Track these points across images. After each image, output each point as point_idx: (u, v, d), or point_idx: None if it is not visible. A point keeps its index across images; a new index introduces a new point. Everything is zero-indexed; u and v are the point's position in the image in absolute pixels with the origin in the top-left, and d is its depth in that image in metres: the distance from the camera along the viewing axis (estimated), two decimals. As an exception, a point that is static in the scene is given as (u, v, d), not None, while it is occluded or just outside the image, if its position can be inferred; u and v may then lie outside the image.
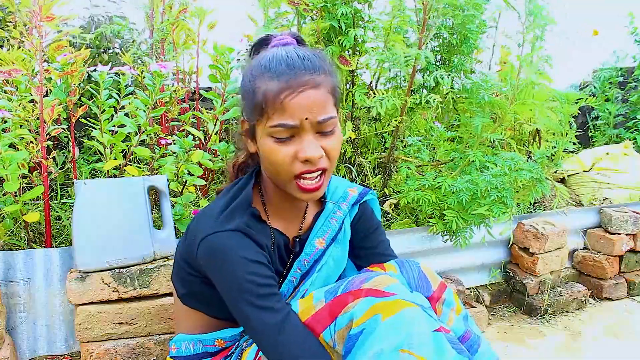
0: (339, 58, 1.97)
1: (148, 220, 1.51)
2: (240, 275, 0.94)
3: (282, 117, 0.93)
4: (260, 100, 0.95)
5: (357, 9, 2.03)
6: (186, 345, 1.11)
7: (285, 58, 0.97)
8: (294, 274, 1.12)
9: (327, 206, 1.19)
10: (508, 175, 1.86)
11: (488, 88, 1.96)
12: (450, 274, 2.11)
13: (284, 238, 1.12)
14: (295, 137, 0.95)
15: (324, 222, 1.17)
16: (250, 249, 0.98)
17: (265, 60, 0.98)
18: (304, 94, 0.94)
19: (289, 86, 0.93)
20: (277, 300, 0.96)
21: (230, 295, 0.96)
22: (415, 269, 1.09)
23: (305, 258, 1.13)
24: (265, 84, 0.95)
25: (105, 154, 1.70)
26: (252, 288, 0.93)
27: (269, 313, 0.93)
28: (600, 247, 2.42)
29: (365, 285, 0.94)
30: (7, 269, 1.50)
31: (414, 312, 0.88)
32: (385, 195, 2.22)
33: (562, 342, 1.94)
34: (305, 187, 0.98)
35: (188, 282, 1.09)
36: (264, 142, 0.97)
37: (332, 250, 1.15)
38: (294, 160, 0.96)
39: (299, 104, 0.94)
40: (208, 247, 0.97)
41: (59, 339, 1.57)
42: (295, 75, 0.95)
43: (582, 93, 2.27)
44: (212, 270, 0.98)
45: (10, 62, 1.55)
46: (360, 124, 2.31)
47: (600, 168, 3.00)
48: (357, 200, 1.21)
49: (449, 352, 0.86)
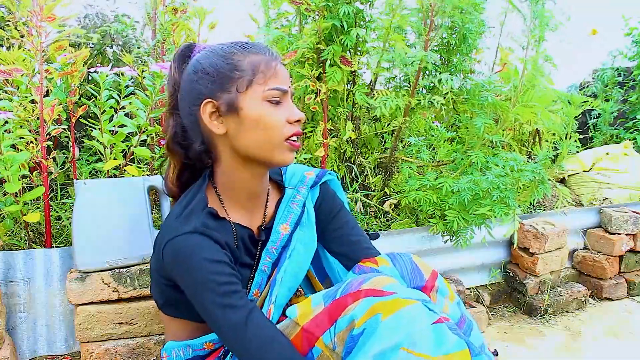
0: (340, 58, 1.96)
1: (148, 220, 1.51)
2: (202, 275, 0.95)
3: (277, 81, 1.03)
4: (249, 69, 1.01)
5: (359, 8, 2.03)
6: (176, 352, 1.11)
7: (251, 43, 1.06)
8: (265, 263, 1.13)
9: (287, 192, 1.21)
10: (510, 176, 1.86)
11: (491, 89, 1.96)
12: (450, 274, 2.11)
13: (247, 231, 1.13)
14: (281, 103, 1.04)
15: (285, 207, 1.18)
16: (209, 249, 0.98)
17: (229, 45, 1.05)
18: (282, 67, 1.06)
19: (273, 58, 1.04)
20: (239, 297, 0.96)
21: (195, 297, 0.96)
22: (408, 261, 1.11)
23: (273, 245, 1.14)
24: (247, 57, 1.02)
25: (105, 154, 1.70)
26: (213, 287, 0.94)
27: (232, 311, 0.93)
28: (600, 247, 2.42)
29: (364, 286, 0.94)
30: (7, 269, 1.50)
31: (413, 309, 0.88)
32: (386, 195, 2.22)
33: (562, 342, 1.95)
34: (295, 144, 1.05)
35: (163, 291, 1.09)
36: (257, 107, 1.01)
37: (299, 234, 1.16)
38: (285, 123, 1.03)
39: (284, 73, 1.05)
40: (170, 252, 0.97)
41: (59, 339, 1.57)
42: (270, 51, 1.06)
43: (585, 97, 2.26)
44: (177, 274, 0.99)
45: (10, 62, 1.55)
46: (361, 124, 2.31)
47: (600, 168, 3.00)
48: (315, 182, 1.23)
49: (449, 340, 0.86)
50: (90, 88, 1.72)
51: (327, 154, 2.04)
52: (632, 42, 3.95)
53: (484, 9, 2.07)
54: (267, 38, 1.95)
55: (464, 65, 2.21)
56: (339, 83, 1.99)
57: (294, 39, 2.02)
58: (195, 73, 1.04)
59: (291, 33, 2.09)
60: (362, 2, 2.07)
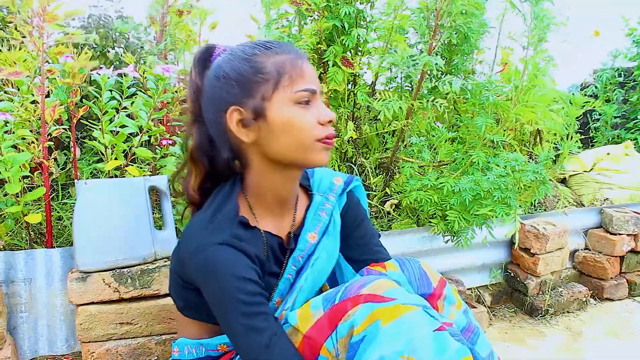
0: (341, 60, 1.96)
1: (149, 220, 1.51)
2: (228, 292, 0.91)
3: (305, 81, 0.97)
4: (274, 71, 0.96)
5: (360, 9, 2.03)
6: (189, 349, 1.10)
7: (273, 42, 1.01)
8: (290, 271, 1.11)
9: (315, 198, 1.17)
10: (511, 176, 1.86)
11: (492, 89, 1.96)
12: (451, 274, 2.11)
13: (277, 239, 1.10)
14: (310, 103, 0.99)
15: (313, 215, 1.15)
16: (239, 263, 0.95)
17: (252, 46, 0.99)
18: (309, 65, 1.00)
19: (298, 56, 0.99)
20: (264, 319, 0.93)
21: (219, 312, 0.94)
22: (416, 267, 1.09)
23: (299, 254, 1.12)
24: (272, 58, 0.97)
25: (107, 154, 1.70)
26: (239, 306, 0.91)
27: (255, 333, 0.90)
28: (601, 247, 2.41)
29: (363, 291, 0.92)
30: (8, 269, 1.50)
31: (414, 316, 0.87)
32: (387, 195, 2.22)
33: (563, 342, 1.94)
34: (329, 142, 1.00)
35: (184, 295, 1.07)
36: (286, 112, 0.96)
37: (324, 242, 1.14)
38: (316, 124, 0.98)
39: (311, 72, 1.00)
40: (197, 262, 0.94)
41: (60, 339, 1.57)
42: (295, 49, 1.00)
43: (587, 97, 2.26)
44: (202, 284, 0.96)
45: (12, 63, 1.55)
46: (362, 124, 2.31)
47: (601, 168, 2.99)
48: (343, 190, 1.20)
49: (451, 347, 0.85)
50: (91, 89, 1.72)
51: (328, 154, 2.03)
52: (632, 43, 3.95)
53: (485, 9, 2.07)
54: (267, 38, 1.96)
55: (465, 65, 2.21)
56: (341, 84, 1.99)
57: (294, 39, 2.02)
58: (218, 79, 0.99)
59: (291, 33, 2.09)
60: (362, 1, 2.07)
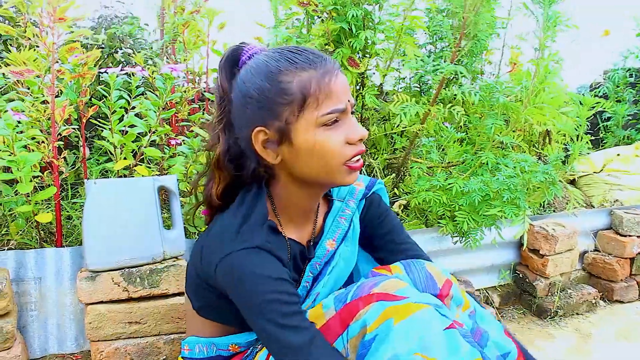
0: (348, 60, 1.96)
1: (158, 220, 1.52)
2: (264, 294, 0.89)
3: (332, 102, 0.93)
4: (298, 93, 0.92)
5: (368, 10, 2.02)
6: (199, 348, 1.10)
7: (301, 50, 0.96)
8: (307, 279, 1.10)
9: (335, 204, 1.16)
10: (521, 177, 1.85)
11: (501, 90, 1.95)
12: (460, 275, 2.10)
13: (299, 247, 1.10)
14: (339, 122, 0.95)
15: (332, 221, 1.14)
16: (272, 266, 0.94)
17: (277, 58, 0.95)
18: (339, 78, 0.95)
19: (327, 71, 0.93)
20: (302, 318, 0.91)
21: (253, 315, 0.91)
22: (422, 270, 1.07)
23: (317, 261, 1.11)
24: (297, 75, 0.92)
25: (116, 154, 1.71)
26: (277, 307, 0.89)
27: (295, 333, 0.88)
28: (611, 249, 2.40)
29: (375, 290, 0.92)
30: (19, 267, 1.51)
31: (425, 314, 0.86)
32: (396, 196, 2.22)
33: (572, 344, 1.93)
34: (355, 166, 0.97)
35: (203, 296, 1.05)
36: (312, 135, 0.93)
37: (342, 250, 1.13)
38: (345, 144, 0.95)
39: (341, 87, 0.94)
40: (228, 268, 0.92)
41: (69, 338, 1.58)
42: (324, 62, 0.94)
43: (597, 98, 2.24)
44: (233, 290, 0.93)
45: (22, 63, 1.56)
46: (370, 125, 2.30)
47: (611, 169, 2.97)
48: (365, 195, 1.18)
49: (462, 347, 0.85)
50: (100, 89, 1.73)
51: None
52: (642, 43, 3.92)
53: (494, 10, 2.06)
54: (276, 39, 1.96)
55: (475, 67, 2.20)
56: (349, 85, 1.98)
57: (302, 40, 2.01)
58: (243, 97, 0.97)
59: (302, 33, 2.09)
60: (370, 3, 2.06)
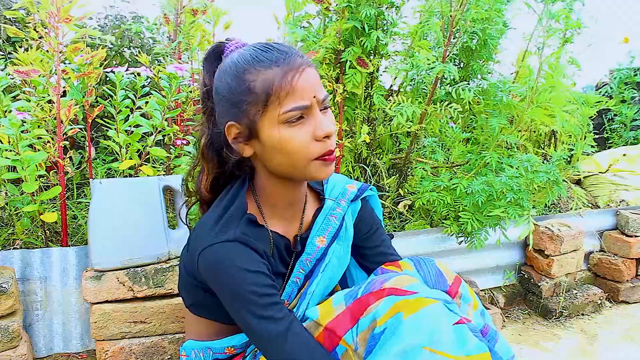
0: (357, 60, 1.96)
1: (163, 219, 1.52)
2: (241, 286, 0.92)
3: (295, 99, 0.93)
4: (261, 91, 0.93)
5: (381, 11, 2.02)
6: (196, 354, 1.11)
7: (270, 47, 0.97)
8: (297, 275, 1.11)
9: (326, 203, 1.17)
10: (524, 177, 1.84)
11: (506, 90, 1.94)
12: (464, 276, 2.10)
13: (284, 240, 1.10)
14: (305, 119, 0.95)
15: (323, 219, 1.15)
16: (249, 258, 0.96)
17: (245, 57, 0.96)
18: (305, 74, 0.94)
19: (290, 68, 0.93)
20: (278, 309, 0.94)
21: (233, 307, 0.95)
22: (431, 266, 1.08)
23: (307, 258, 1.12)
24: (261, 74, 0.93)
25: (121, 153, 1.71)
26: (253, 298, 0.92)
27: (271, 323, 0.92)
28: (616, 249, 2.39)
29: (386, 285, 0.93)
30: (25, 267, 1.52)
31: (435, 309, 0.87)
32: (400, 196, 2.22)
33: (578, 345, 1.92)
34: (327, 159, 0.98)
35: (193, 292, 1.08)
36: (276, 132, 0.94)
37: (335, 248, 1.14)
38: (311, 141, 0.95)
39: (306, 83, 0.94)
40: (206, 260, 0.95)
41: (74, 337, 1.58)
42: (289, 58, 0.95)
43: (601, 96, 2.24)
44: (213, 282, 0.97)
45: (28, 63, 1.56)
46: (377, 125, 2.30)
47: (617, 170, 2.96)
48: (357, 196, 1.19)
49: (470, 342, 0.85)
50: (106, 88, 1.73)
51: (343, 154, 2.04)
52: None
53: (504, 15, 2.06)
54: (293, 38, 1.96)
55: (483, 70, 2.20)
56: (358, 85, 1.98)
57: (317, 39, 2.01)
58: (217, 94, 1.00)
59: (319, 31, 2.07)
60: (383, 3, 2.04)
